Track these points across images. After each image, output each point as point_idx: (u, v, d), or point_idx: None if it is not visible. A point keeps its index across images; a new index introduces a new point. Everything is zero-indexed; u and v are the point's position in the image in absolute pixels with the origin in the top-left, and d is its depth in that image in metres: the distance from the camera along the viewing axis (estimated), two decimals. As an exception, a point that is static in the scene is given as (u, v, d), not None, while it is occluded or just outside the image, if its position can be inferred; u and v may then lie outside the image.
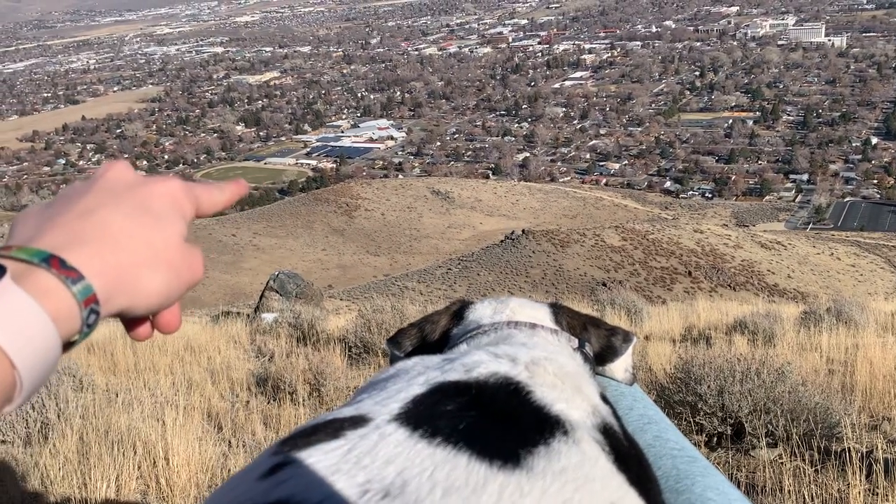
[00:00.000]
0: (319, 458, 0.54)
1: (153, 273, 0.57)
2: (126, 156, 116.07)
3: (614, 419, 0.74)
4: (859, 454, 3.25)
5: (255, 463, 0.58)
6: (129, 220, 0.57)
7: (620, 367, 1.11)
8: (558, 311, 1.10)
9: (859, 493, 2.83)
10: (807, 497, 3.05)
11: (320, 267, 62.11)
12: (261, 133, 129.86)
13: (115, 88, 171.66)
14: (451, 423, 0.58)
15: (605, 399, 0.78)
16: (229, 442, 4.33)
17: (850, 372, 4.90)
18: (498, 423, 0.60)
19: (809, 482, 3.28)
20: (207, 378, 5.91)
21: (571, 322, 1.08)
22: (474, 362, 0.71)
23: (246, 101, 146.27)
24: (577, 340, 1.00)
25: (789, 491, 3.17)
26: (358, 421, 0.60)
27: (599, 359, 1.09)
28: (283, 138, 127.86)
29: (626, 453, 0.68)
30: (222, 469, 3.70)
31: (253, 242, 68.74)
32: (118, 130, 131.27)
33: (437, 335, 1.12)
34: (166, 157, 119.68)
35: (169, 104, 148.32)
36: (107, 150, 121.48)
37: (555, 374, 0.73)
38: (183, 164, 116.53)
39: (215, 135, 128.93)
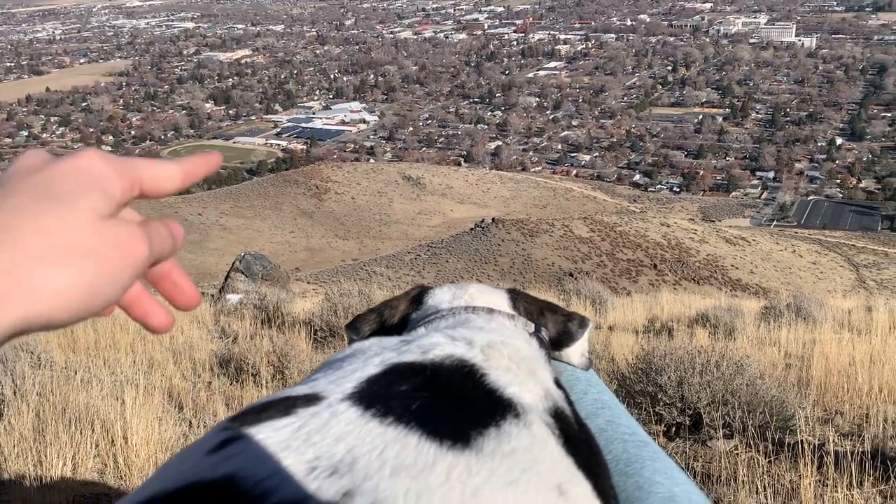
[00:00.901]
0: (269, 435, 0.54)
1: (53, 268, 0.45)
2: (91, 129, 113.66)
3: (566, 404, 0.74)
4: (812, 446, 3.34)
5: (204, 438, 0.57)
6: (15, 212, 0.45)
7: (576, 351, 1.12)
8: (516, 296, 1.11)
9: (810, 483, 2.91)
10: (760, 487, 3.12)
11: (288, 249, 61.61)
12: (230, 111, 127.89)
13: (82, 60, 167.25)
14: (403, 403, 0.58)
15: (558, 384, 0.78)
16: (190, 422, 4.29)
17: (806, 366, 5.02)
18: (451, 404, 0.61)
19: (763, 473, 3.36)
20: (169, 358, 5.84)
21: (528, 307, 1.09)
22: (431, 344, 0.72)
23: (216, 78, 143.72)
24: (533, 325, 1.01)
25: (743, 481, 3.24)
26: (310, 399, 0.60)
27: (556, 344, 1.09)
28: (253, 118, 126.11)
29: (576, 437, 0.69)
30: (182, 449, 3.65)
31: (219, 222, 67.89)
32: (84, 104, 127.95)
33: (396, 320, 1.12)
34: (133, 132, 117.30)
35: (137, 79, 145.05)
36: (71, 123, 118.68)
37: (509, 357, 0.74)
38: (150, 141, 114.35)
39: (184, 111, 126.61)
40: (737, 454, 3.67)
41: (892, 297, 12.53)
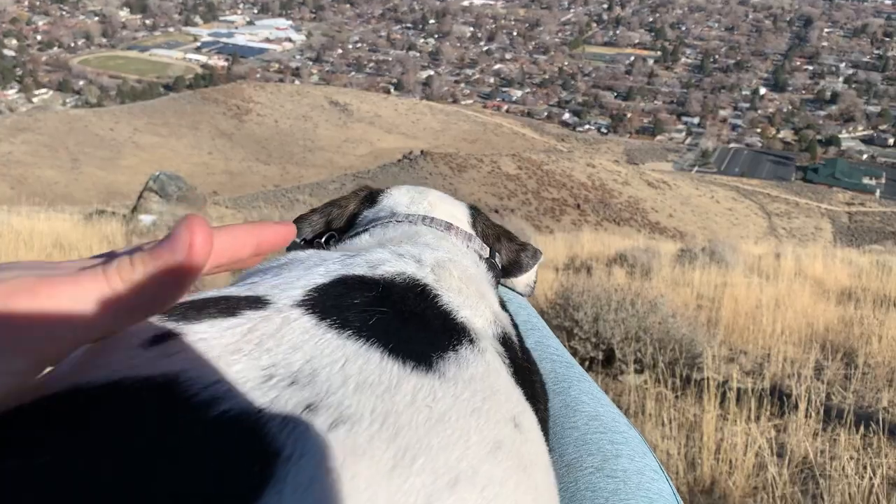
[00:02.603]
0: (215, 335, 0.48)
1: None
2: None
3: (513, 329, 0.73)
4: (716, 383, 3.49)
5: (133, 330, 0.48)
6: None
7: (523, 281, 1.10)
8: (476, 215, 1.05)
9: (712, 417, 3.04)
10: (666, 420, 3.25)
11: (205, 171, 59.53)
12: (147, 21, 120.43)
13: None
14: (360, 316, 0.54)
15: (503, 306, 0.77)
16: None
17: (716, 308, 5.23)
18: (408, 323, 0.58)
19: (670, 407, 3.50)
20: (76, 278, 5.58)
21: (486, 231, 1.04)
22: (378, 259, 0.68)
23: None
24: (488, 249, 0.96)
25: (650, 414, 3.37)
26: (255, 301, 0.54)
27: (506, 271, 1.06)
28: (171, 29, 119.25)
29: (522, 367, 0.68)
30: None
31: (133, 139, 64.76)
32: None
33: (343, 221, 1.03)
34: (39, 37, 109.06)
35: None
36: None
37: (459, 278, 0.71)
38: (58, 48, 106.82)
39: (96, 18, 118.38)
40: (646, 388, 3.80)
41: (799, 245, 13.20)
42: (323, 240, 0.97)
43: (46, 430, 0.39)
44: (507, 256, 1.05)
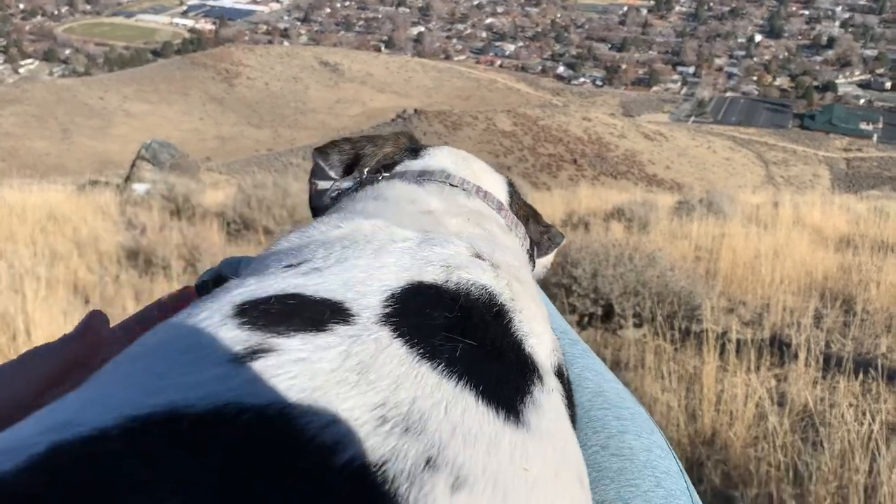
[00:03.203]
0: (313, 356, 0.43)
1: None
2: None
3: (562, 354, 0.67)
4: (715, 335, 3.50)
5: (211, 331, 0.45)
6: None
7: (542, 262, 1.03)
8: (514, 192, 0.97)
9: (712, 369, 3.05)
10: (665, 373, 3.26)
11: (197, 137, 59.02)
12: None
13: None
14: (447, 345, 0.49)
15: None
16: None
17: (714, 259, 5.22)
18: (490, 357, 0.52)
19: (669, 359, 3.51)
20: (73, 249, 5.59)
21: (519, 211, 0.96)
22: (454, 259, 0.61)
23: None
24: (529, 240, 0.90)
25: (650, 367, 3.38)
26: (338, 311, 0.49)
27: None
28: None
29: (572, 400, 0.63)
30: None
31: (123, 107, 64.04)
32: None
33: (374, 162, 0.94)
34: (22, 6, 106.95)
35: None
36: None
37: (530, 295, 0.65)
38: (42, 16, 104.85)
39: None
40: (645, 342, 3.81)
41: (797, 193, 13.17)
42: (367, 172, 0.90)
43: (156, 468, 0.34)
44: (533, 237, 0.98)
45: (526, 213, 0.98)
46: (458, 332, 0.51)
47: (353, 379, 0.43)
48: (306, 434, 0.38)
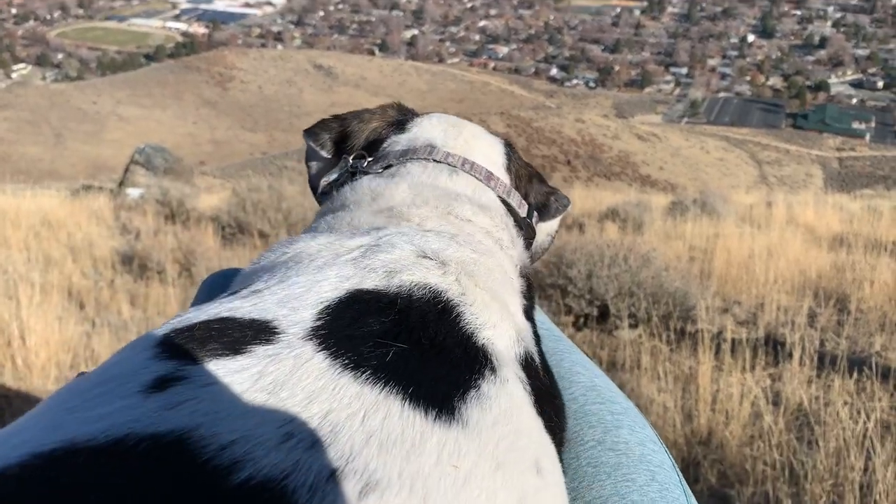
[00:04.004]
0: (224, 380, 0.44)
1: None
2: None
3: (534, 344, 0.68)
4: (711, 335, 3.51)
5: (131, 363, 0.45)
6: None
7: (545, 229, 1.00)
8: (511, 153, 0.95)
9: (707, 369, 3.06)
10: (661, 373, 3.27)
11: (191, 141, 58.92)
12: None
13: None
14: (376, 351, 0.50)
15: (528, 313, 0.73)
16: (93, 321, 4.16)
17: (709, 259, 5.24)
18: (427, 357, 0.52)
19: (665, 360, 3.52)
20: (67, 255, 5.58)
21: (519, 171, 0.95)
22: (398, 263, 0.61)
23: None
24: (527, 206, 0.89)
25: (646, 368, 3.39)
26: (263, 330, 0.50)
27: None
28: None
29: (544, 390, 0.64)
30: (85, 349, 3.56)
31: (116, 112, 63.89)
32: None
33: (361, 139, 0.93)
34: (14, 10, 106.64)
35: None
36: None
37: (484, 286, 0.64)
38: (35, 21, 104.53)
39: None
40: (641, 343, 3.82)
41: (790, 193, 13.22)
42: (352, 157, 0.89)
43: (39, 500, 0.35)
44: (536, 199, 0.96)
45: (528, 174, 0.96)
46: (391, 337, 0.52)
47: (261, 399, 0.43)
48: (202, 457, 0.38)
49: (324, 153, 0.95)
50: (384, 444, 0.43)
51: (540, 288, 4.35)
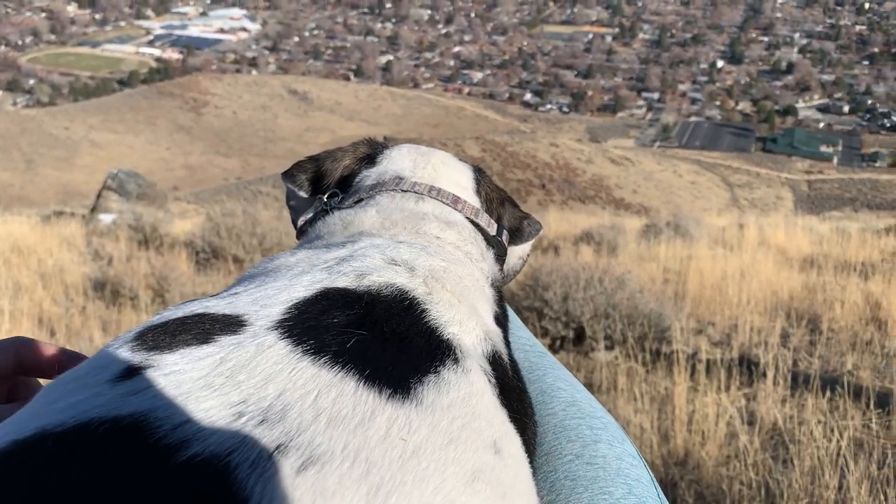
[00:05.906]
0: (186, 367, 0.47)
1: None
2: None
3: (504, 346, 0.71)
4: (686, 356, 3.54)
5: (106, 357, 0.49)
6: None
7: (517, 252, 1.03)
8: (481, 178, 0.99)
9: (683, 389, 3.08)
10: (638, 394, 3.28)
11: (164, 167, 58.48)
12: (96, 16, 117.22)
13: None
14: (338, 339, 0.53)
15: (502, 318, 0.76)
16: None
17: (683, 281, 5.29)
18: (388, 345, 0.55)
19: (641, 381, 3.54)
20: (38, 281, 5.47)
21: (490, 195, 0.98)
22: (368, 267, 0.65)
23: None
24: (496, 226, 0.92)
25: (622, 389, 3.40)
26: (232, 323, 0.53)
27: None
28: (122, 23, 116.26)
29: (510, 385, 0.65)
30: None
31: (88, 137, 63.28)
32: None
33: (336, 177, 0.98)
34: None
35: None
36: None
37: (452, 290, 0.68)
38: (6, 46, 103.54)
39: (43, 14, 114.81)
40: (617, 364, 3.84)
41: (761, 215, 13.44)
42: (326, 196, 0.93)
43: (9, 480, 0.39)
44: (508, 223, 0.99)
45: (500, 197, 1.00)
46: (355, 326, 0.55)
47: (219, 382, 0.46)
48: (155, 436, 0.41)
49: (302, 193, 0.98)
50: (333, 420, 0.45)
51: (517, 311, 4.36)
